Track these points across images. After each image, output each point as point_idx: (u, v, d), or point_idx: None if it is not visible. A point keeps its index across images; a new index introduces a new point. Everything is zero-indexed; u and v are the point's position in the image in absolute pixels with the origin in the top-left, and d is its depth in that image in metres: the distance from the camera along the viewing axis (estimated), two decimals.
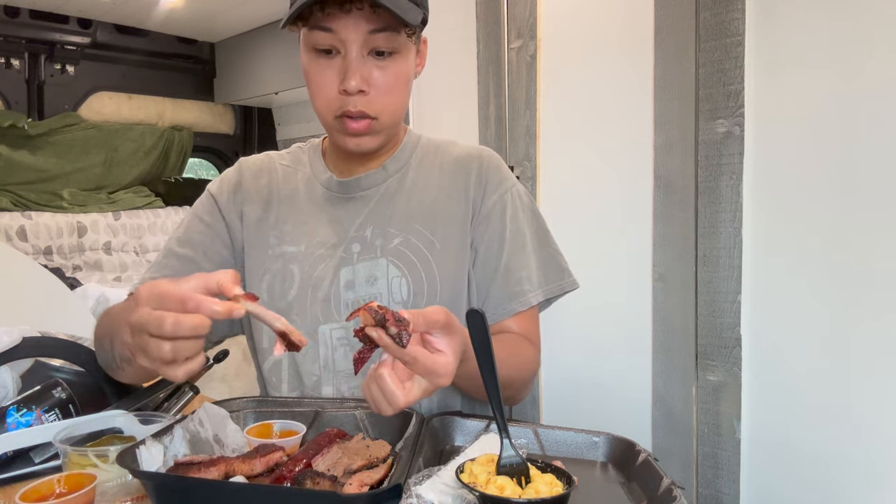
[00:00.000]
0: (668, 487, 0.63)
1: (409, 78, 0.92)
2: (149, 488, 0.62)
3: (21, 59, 4.25)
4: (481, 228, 0.98)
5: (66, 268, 4.10)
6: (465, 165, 1.01)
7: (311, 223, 0.99)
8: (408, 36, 0.88)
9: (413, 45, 0.92)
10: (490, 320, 0.97)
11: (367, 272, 0.95)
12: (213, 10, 4.30)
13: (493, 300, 0.97)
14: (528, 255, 0.99)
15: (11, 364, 0.96)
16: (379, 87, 0.87)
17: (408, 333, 0.61)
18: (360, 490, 0.62)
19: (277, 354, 0.73)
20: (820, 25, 1.29)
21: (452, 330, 0.67)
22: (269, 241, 0.99)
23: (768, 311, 1.39)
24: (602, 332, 1.72)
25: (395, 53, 0.88)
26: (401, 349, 0.61)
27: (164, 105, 4.90)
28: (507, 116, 1.92)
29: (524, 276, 0.97)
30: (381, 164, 0.99)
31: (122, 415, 0.80)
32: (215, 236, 1.00)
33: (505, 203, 0.99)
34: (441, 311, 0.66)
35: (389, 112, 0.90)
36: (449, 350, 0.66)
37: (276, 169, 1.04)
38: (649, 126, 1.60)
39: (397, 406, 0.64)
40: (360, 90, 0.86)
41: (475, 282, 0.98)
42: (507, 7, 1.90)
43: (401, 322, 0.61)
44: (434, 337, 0.66)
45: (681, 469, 1.53)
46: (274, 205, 1.01)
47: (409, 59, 0.91)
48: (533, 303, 0.97)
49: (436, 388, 0.67)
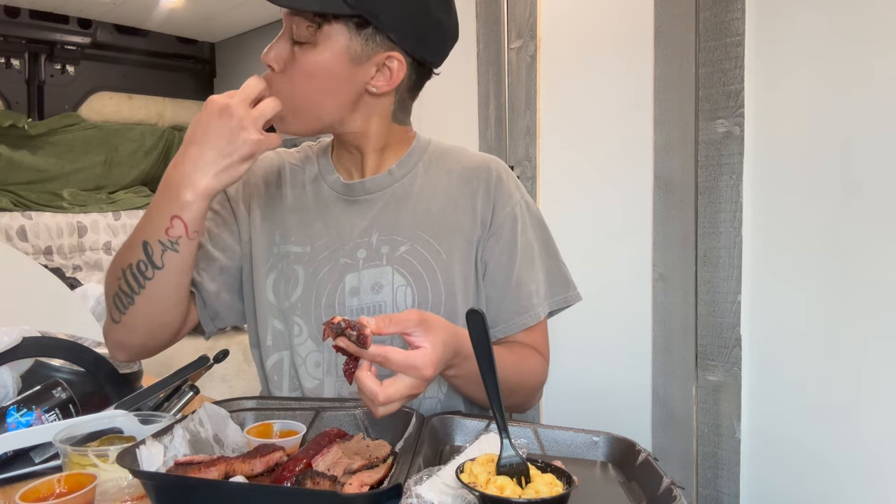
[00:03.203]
0: (668, 487, 0.63)
1: (322, 73, 0.87)
2: (149, 488, 0.62)
3: (21, 59, 4.26)
4: (492, 242, 0.98)
5: (66, 268, 4.10)
6: (474, 176, 1.00)
7: (316, 224, 0.98)
8: (319, 27, 0.84)
9: (340, 41, 0.85)
10: (501, 333, 0.98)
11: (373, 279, 0.94)
12: (213, 10, 4.31)
13: (505, 314, 0.97)
14: (536, 268, 0.99)
15: (11, 364, 0.96)
16: (285, 72, 0.87)
17: (364, 335, 0.66)
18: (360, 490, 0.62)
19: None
20: (820, 25, 1.29)
21: (431, 326, 0.71)
22: (275, 238, 0.98)
23: (768, 311, 1.39)
24: (602, 332, 1.72)
25: (307, 43, 0.85)
26: (364, 350, 0.66)
27: (164, 105, 4.90)
28: (507, 116, 1.92)
29: (533, 290, 0.98)
30: (388, 169, 0.99)
31: (122, 415, 0.80)
32: (222, 223, 1.00)
33: (515, 217, 0.99)
34: (413, 311, 0.71)
35: (287, 96, 0.86)
36: (428, 343, 0.70)
37: (285, 166, 1.04)
38: (649, 126, 1.60)
39: (377, 401, 0.67)
40: (270, 66, 0.87)
41: (485, 295, 0.98)
42: (507, 7, 1.90)
43: (358, 326, 0.66)
44: (414, 335, 0.70)
45: (681, 469, 1.53)
46: (281, 202, 1.01)
47: (330, 53, 0.85)
48: (542, 316, 0.98)
49: (423, 381, 0.69)
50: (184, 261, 0.83)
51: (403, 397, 0.69)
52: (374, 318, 0.68)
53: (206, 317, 0.97)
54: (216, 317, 0.98)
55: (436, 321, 0.73)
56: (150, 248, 0.82)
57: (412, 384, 0.68)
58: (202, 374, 0.97)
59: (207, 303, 0.97)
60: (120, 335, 0.90)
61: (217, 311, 0.98)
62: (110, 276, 0.87)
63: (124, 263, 0.84)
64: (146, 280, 0.83)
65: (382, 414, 0.69)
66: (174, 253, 0.82)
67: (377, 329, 0.68)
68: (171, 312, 0.88)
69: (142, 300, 0.85)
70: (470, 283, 0.97)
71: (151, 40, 4.77)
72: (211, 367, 0.97)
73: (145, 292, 0.84)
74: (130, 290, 0.84)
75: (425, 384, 0.70)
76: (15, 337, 0.95)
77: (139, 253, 0.83)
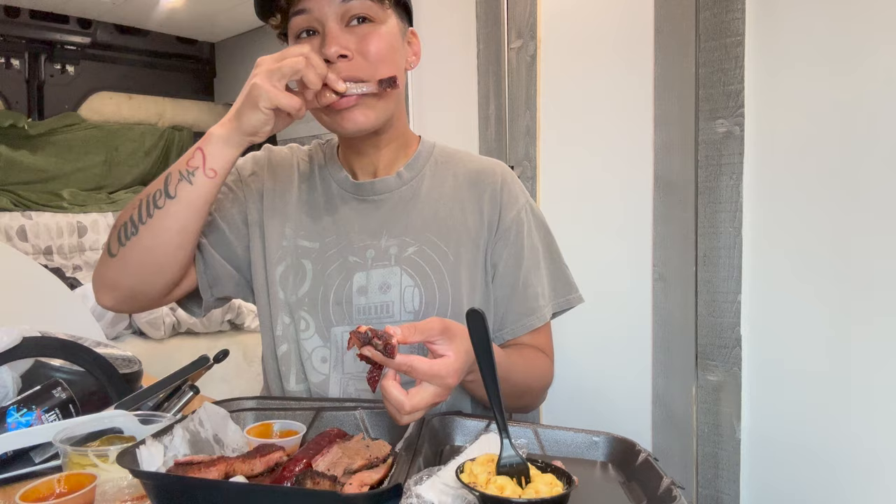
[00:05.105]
0: (668, 487, 0.63)
1: (394, 46, 0.91)
2: (149, 488, 0.62)
3: (21, 59, 4.26)
4: (500, 246, 0.99)
5: (66, 268, 4.10)
6: (481, 180, 1.01)
7: (325, 221, 0.99)
8: (380, 3, 0.88)
9: (393, 17, 0.91)
10: (509, 335, 0.99)
11: (381, 279, 0.95)
12: (213, 10, 4.31)
13: (512, 316, 0.99)
14: (541, 270, 1.01)
15: (11, 364, 0.96)
16: (362, 52, 0.87)
17: (391, 345, 0.67)
18: (360, 490, 0.62)
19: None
20: (820, 25, 1.29)
21: (454, 334, 0.72)
22: (285, 231, 0.99)
23: (768, 311, 1.39)
24: (602, 332, 1.72)
25: (374, 21, 0.88)
26: (391, 360, 0.67)
27: (164, 105, 4.90)
28: (507, 116, 1.92)
29: (539, 292, 0.99)
30: (396, 172, 0.99)
31: (122, 415, 0.80)
32: (235, 200, 1.01)
33: (521, 220, 1.00)
34: (436, 319, 0.72)
35: (378, 79, 0.88)
36: (451, 352, 0.71)
37: (298, 163, 1.05)
38: (649, 126, 1.60)
39: (403, 411, 0.69)
40: (342, 55, 0.86)
41: (493, 297, 0.99)
42: (507, 7, 1.90)
43: (384, 336, 0.67)
44: (437, 344, 0.72)
45: (681, 469, 1.53)
46: (293, 196, 1.01)
47: (392, 28, 0.91)
48: (548, 317, 1.00)
49: (446, 389, 0.71)
50: (196, 196, 0.85)
51: (428, 405, 0.70)
52: (400, 328, 0.69)
53: (204, 282, 0.97)
54: (216, 282, 0.99)
55: (457, 329, 0.74)
56: (169, 178, 0.85)
57: (436, 392, 0.70)
58: (202, 374, 0.97)
59: (209, 264, 0.97)
60: (113, 271, 0.89)
61: (217, 276, 0.98)
62: (125, 210, 0.89)
63: (144, 195, 0.87)
64: (156, 209, 0.85)
65: (407, 422, 0.71)
66: (188, 184, 0.84)
67: (402, 338, 0.69)
68: (169, 254, 0.88)
69: (145, 230, 0.86)
70: (476, 285, 0.97)
71: (151, 40, 4.77)
72: (211, 367, 0.97)
73: (151, 222, 0.85)
74: (139, 218, 0.86)
75: (448, 392, 0.72)
76: (15, 337, 0.95)
77: (159, 183, 0.86)
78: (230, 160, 0.85)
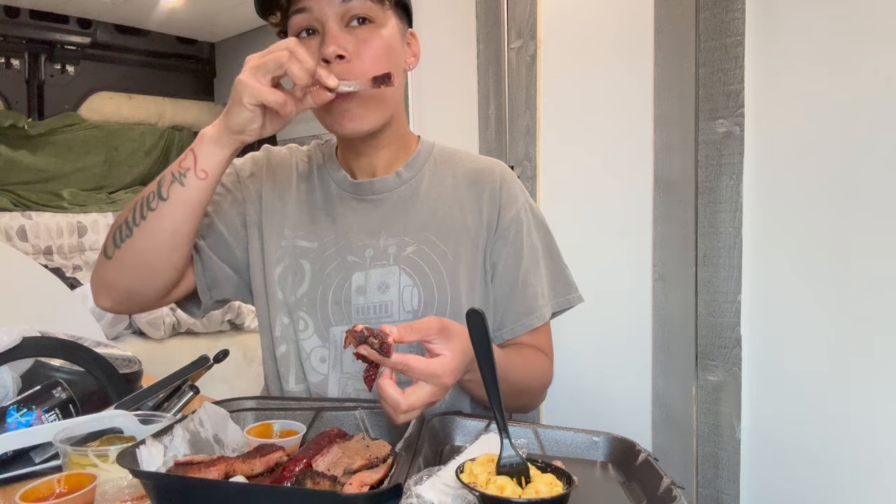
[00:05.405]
0: (668, 487, 0.63)
1: (393, 48, 0.91)
2: (149, 488, 0.62)
3: (21, 59, 4.25)
4: (499, 245, 0.99)
5: (66, 268, 4.10)
6: (480, 180, 1.01)
7: (323, 220, 0.99)
8: (380, 4, 0.88)
9: (393, 18, 0.92)
10: (508, 334, 0.99)
11: (380, 279, 0.95)
12: (213, 10, 4.30)
13: (512, 315, 0.99)
14: (541, 270, 1.01)
15: (11, 364, 0.96)
16: (360, 54, 0.87)
17: (387, 344, 0.67)
18: (360, 490, 0.62)
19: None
20: (820, 25, 1.29)
21: (451, 333, 0.73)
22: (284, 231, 0.99)
23: (768, 311, 1.39)
24: (602, 332, 1.72)
25: (374, 22, 0.88)
26: (387, 359, 0.67)
27: (164, 105, 4.90)
28: (507, 116, 1.92)
29: (538, 292, 0.99)
30: (395, 172, 0.99)
31: (122, 415, 0.80)
32: (233, 201, 1.01)
33: (521, 220, 1.00)
34: (433, 319, 0.72)
35: (372, 76, 0.87)
36: (448, 351, 0.71)
37: (295, 163, 1.05)
38: (649, 126, 1.60)
39: (399, 410, 0.69)
40: (339, 55, 0.85)
41: (493, 297, 0.99)
42: (507, 7, 1.90)
43: (380, 335, 0.67)
44: (434, 343, 0.72)
45: (681, 469, 1.53)
46: (292, 196, 1.01)
47: (391, 30, 0.91)
48: (547, 317, 0.99)
49: (443, 388, 0.71)
50: (188, 198, 0.85)
51: (424, 404, 0.70)
52: (397, 327, 0.69)
53: (203, 285, 0.97)
54: (214, 285, 0.99)
55: (455, 328, 0.74)
56: (163, 180, 0.85)
57: (432, 391, 0.70)
58: (202, 374, 0.97)
59: (207, 267, 0.97)
60: (109, 273, 0.90)
61: (216, 278, 0.98)
62: (122, 212, 0.89)
63: (139, 198, 0.87)
64: (149, 211, 0.85)
65: (403, 421, 0.71)
66: (180, 186, 0.84)
67: (399, 337, 0.69)
68: (163, 256, 0.88)
69: (139, 232, 0.86)
70: (475, 285, 0.97)
71: (151, 40, 4.76)
72: (211, 367, 0.97)
73: (145, 224, 0.85)
74: (133, 220, 0.86)
75: (445, 391, 0.72)
76: (15, 337, 0.95)
77: (154, 185, 0.86)
78: (221, 161, 0.85)
